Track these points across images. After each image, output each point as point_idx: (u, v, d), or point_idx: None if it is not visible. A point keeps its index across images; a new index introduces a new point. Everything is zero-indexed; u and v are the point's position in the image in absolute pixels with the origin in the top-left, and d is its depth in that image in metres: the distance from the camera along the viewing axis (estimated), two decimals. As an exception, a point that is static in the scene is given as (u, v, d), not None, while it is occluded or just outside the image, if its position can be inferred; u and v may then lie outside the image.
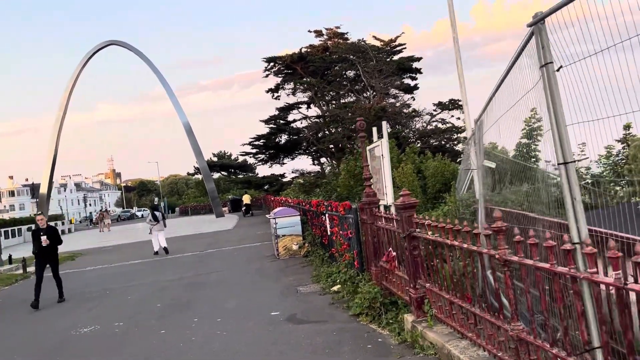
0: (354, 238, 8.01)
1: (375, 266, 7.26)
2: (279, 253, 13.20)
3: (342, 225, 8.84)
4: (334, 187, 24.67)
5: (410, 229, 5.56)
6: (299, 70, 40.72)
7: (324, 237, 10.97)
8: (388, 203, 8.82)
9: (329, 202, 9.88)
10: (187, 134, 48.93)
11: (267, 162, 45.85)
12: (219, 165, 69.85)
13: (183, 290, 10.37)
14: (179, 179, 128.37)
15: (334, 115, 37.92)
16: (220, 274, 11.96)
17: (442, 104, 37.15)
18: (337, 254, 9.63)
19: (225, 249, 17.20)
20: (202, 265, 13.82)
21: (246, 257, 14.37)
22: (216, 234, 24.92)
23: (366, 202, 7.29)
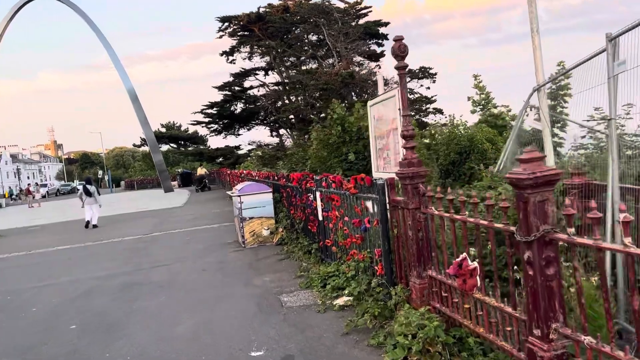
0: (376, 230, 5.25)
1: (419, 277, 4.55)
2: (245, 240, 10.33)
3: (351, 210, 6.06)
4: (299, 159, 21.79)
5: (544, 227, 2.86)
6: (256, 31, 37.13)
7: (310, 222, 8.19)
8: None
9: (325, 176, 7.04)
10: (132, 101, 44.56)
11: (220, 133, 42.23)
12: (168, 137, 65.39)
13: (114, 297, 7.37)
14: (125, 151, 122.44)
15: (296, 81, 34.77)
16: (167, 270, 8.98)
17: (412, 72, 34.65)
18: (335, 247, 6.87)
19: (175, 232, 14.13)
20: (144, 255, 10.77)
21: (202, 244, 11.41)
22: (165, 211, 21.66)
23: (406, 174, 4.52)
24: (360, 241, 5.76)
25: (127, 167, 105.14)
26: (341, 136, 16.93)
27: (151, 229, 15.33)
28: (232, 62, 39.49)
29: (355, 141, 16.69)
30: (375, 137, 8.30)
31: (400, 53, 4.50)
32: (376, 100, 7.95)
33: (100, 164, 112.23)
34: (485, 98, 11.63)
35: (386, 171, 7.83)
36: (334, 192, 6.58)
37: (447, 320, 4.20)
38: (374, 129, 8.27)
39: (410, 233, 4.57)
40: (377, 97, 7.95)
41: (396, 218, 4.92)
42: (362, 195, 5.59)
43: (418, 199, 4.50)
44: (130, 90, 44.57)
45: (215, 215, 17.48)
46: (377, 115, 8.08)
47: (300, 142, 24.56)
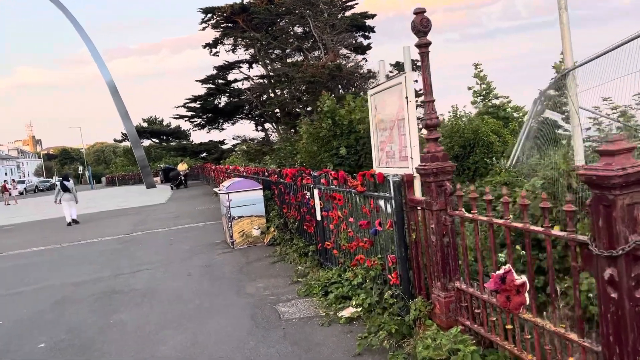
0: (390, 234, 4.60)
1: (444, 289, 3.91)
2: (234, 240, 9.62)
3: (357, 210, 5.41)
4: (287, 154, 21.08)
5: (635, 238, 2.23)
6: (240, 23, 36.20)
7: (306, 221, 7.51)
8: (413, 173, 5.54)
9: (325, 172, 6.36)
10: (112, 95, 43.30)
11: (204, 127, 41.25)
12: (150, 132, 64.18)
13: (90, 308, 6.63)
14: (106, 147, 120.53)
15: (281, 74, 33.98)
16: (150, 275, 8.25)
17: (400, 65, 34.04)
18: (337, 251, 6.21)
19: (158, 232, 13.35)
20: (125, 258, 9.99)
21: (188, 245, 10.67)
22: (147, 209, 20.80)
23: (429, 170, 3.87)
24: (368, 245, 5.10)
25: (109, 163, 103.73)
26: (332, 130, 16.25)
27: (132, 228, 14.52)
28: (215, 55, 38.55)
29: (347, 135, 16.03)
30: (376, 129, 7.63)
31: (423, 28, 3.84)
32: (378, 89, 7.29)
33: (80, 160, 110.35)
34: (487, 88, 11.06)
35: (390, 166, 7.18)
36: (336, 189, 5.91)
37: (480, 340, 3.57)
38: (375, 120, 7.61)
39: (433, 238, 3.93)
40: (379, 85, 7.29)
41: (414, 221, 4.27)
42: (372, 194, 4.93)
43: (444, 199, 3.86)
44: (110, 83, 43.33)
45: (200, 213, 16.71)
46: (379, 105, 7.42)
47: (288, 137, 23.83)
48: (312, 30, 34.02)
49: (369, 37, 38.42)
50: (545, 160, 6.51)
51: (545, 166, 4.94)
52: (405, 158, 6.57)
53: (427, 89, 3.94)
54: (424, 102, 3.99)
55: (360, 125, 15.70)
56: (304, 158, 17.59)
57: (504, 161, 7.36)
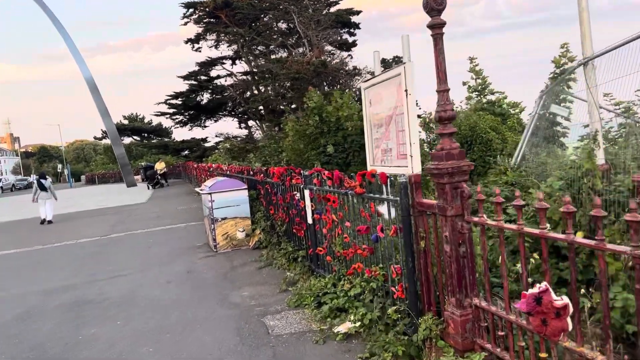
0: (393, 241, 4.10)
1: (459, 306, 3.42)
2: (217, 243, 9.05)
3: (354, 213, 4.89)
4: (272, 152, 20.50)
5: None
6: (223, 18, 35.44)
7: (295, 224, 6.98)
8: (412, 172, 5.09)
9: (317, 171, 5.82)
10: (91, 91, 42.22)
11: (186, 125, 40.42)
12: (130, 129, 62.97)
13: (59, 320, 6.02)
14: (86, 144, 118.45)
15: (265, 71, 33.33)
16: (126, 282, 7.64)
17: (386, 62, 33.64)
18: (330, 257, 5.69)
19: (137, 233, 12.69)
20: (100, 262, 9.36)
21: (168, 248, 10.06)
22: (126, 208, 20.05)
23: (443, 170, 3.37)
24: (368, 253, 4.59)
25: (89, 161, 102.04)
26: (319, 127, 15.74)
27: (110, 229, 13.83)
28: (197, 50, 37.75)
29: (334, 132, 15.53)
30: (370, 125, 7.13)
31: (437, 6, 3.33)
32: (373, 81, 6.78)
33: (59, 158, 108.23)
34: (482, 83, 10.64)
35: (386, 165, 6.69)
36: (330, 191, 5.39)
37: (504, 366, 3.09)
38: (369, 116, 7.11)
39: (447, 248, 3.43)
40: (374, 77, 6.78)
41: (424, 227, 3.77)
42: (372, 197, 4.42)
43: (460, 203, 3.36)
44: (89, 80, 42.23)
45: (181, 213, 16.06)
46: (373, 99, 6.91)
47: (272, 134, 23.24)
48: (297, 26, 33.43)
49: (354, 34, 37.93)
50: (553, 159, 6.08)
51: (561, 165, 4.49)
52: (403, 156, 6.07)
53: (442, 76, 3.44)
54: (438, 91, 3.49)
55: (349, 122, 15.20)
56: (290, 156, 17.05)
57: (507, 159, 6.93)
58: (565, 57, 9.96)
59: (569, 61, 10.03)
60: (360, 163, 15.25)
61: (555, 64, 9.90)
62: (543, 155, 5.92)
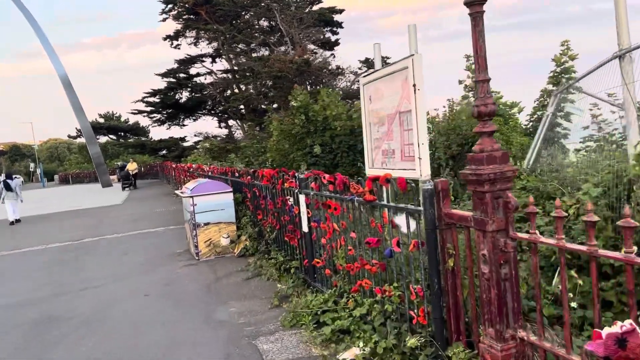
0: (412, 257, 3.51)
1: (499, 338, 2.84)
2: (199, 251, 8.36)
3: (360, 223, 4.28)
4: (255, 152, 19.81)
5: None
6: (203, 15, 34.55)
7: (288, 232, 6.34)
8: (421, 176, 4.66)
9: (317, 174, 5.18)
10: (65, 88, 40.79)
11: (164, 124, 39.39)
12: (107, 128, 61.51)
13: (20, 341, 5.28)
14: (60, 143, 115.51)
15: (247, 69, 32.58)
16: (99, 295, 6.91)
17: (369, 61, 33.19)
18: (329, 270, 5.07)
19: (111, 238, 11.89)
20: (71, 271, 8.59)
21: (145, 255, 9.33)
22: (101, 210, 19.13)
23: (483, 175, 2.79)
24: (378, 269, 3.99)
25: (63, 160, 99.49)
26: (305, 126, 15.11)
27: (83, 233, 12.99)
28: (176, 48, 36.80)
29: (321, 132, 14.92)
30: (369, 123, 6.54)
31: (481, -24, 2.74)
32: (374, 76, 6.19)
33: (32, 157, 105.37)
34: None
35: (388, 167, 6.11)
36: (332, 196, 4.77)
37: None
38: (368, 114, 6.52)
39: (486, 269, 2.85)
40: (375, 72, 6.20)
41: (453, 243, 3.19)
42: (386, 205, 3.82)
43: (504, 216, 2.78)
44: (63, 77, 40.81)
45: (159, 216, 15.27)
46: (374, 95, 6.33)
47: (255, 133, 22.54)
48: (279, 23, 32.77)
49: (337, 33, 37.48)
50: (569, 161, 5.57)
51: (602, 169, 3.96)
52: (410, 158, 5.50)
53: (481, 63, 2.85)
54: (477, 81, 2.89)
55: (337, 121, 14.62)
56: (274, 157, 16.39)
57: (518, 163, 6.42)
58: (565, 55, 9.53)
59: (569, 59, 9.60)
60: (348, 164, 14.67)
61: (555, 62, 9.46)
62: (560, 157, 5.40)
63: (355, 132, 14.62)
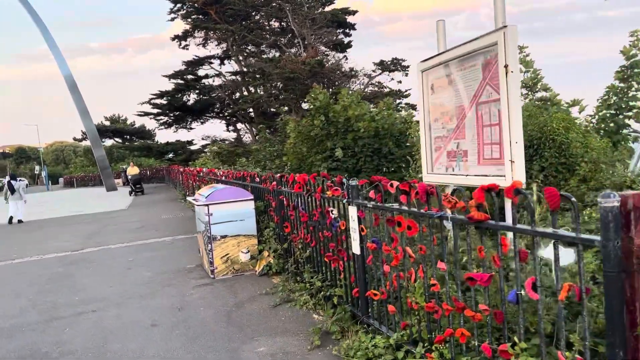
0: (573, 307, 2.32)
1: None
2: (215, 268, 7.20)
3: (456, 249, 3.10)
4: (268, 156, 18.66)
5: None
6: (212, 15, 33.57)
7: (329, 251, 5.17)
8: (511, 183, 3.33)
9: (378, 180, 3.98)
10: (70, 90, 39.78)
11: (171, 126, 38.31)
12: (112, 131, 60.49)
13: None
14: (66, 146, 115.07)
15: (257, 70, 31.50)
16: (96, 323, 5.76)
17: (384, 64, 32.09)
18: (393, 307, 3.88)
19: (114, 248, 10.75)
20: (66, 289, 7.45)
21: (151, 270, 8.17)
22: (104, 216, 18.02)
23: None
24: (487, 318, 2.81)
25: (68, 163, 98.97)
26: (325, 128, 13.96)
27: (84, 242, 11.86)
28: (185, 48, 35.85)
29: (343, 134, 13.74)
30: (429, 119, 5.37)
31: None
32: (439, 60, 5.03)
33: (37, 159, 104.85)
34: (534, 77, 8.99)
35: (457, 173, 4.94)
36: (404, 210, 3.59)
37: None
38: (428, 107, 5.35)
39: None
40: (439, 55, 5.03)
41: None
42: (516, 229, 2.63)
43: None
44: (68, 77, 39.83)
45: (166, 223, 14.12)
46: (437, 83, 5.16)
47: (267, 137, 21.40)
48: (291, 24, 31.69)
49: (350, 35, 36.38)
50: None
51: None
52: (493, 161, 4.31)
53: None
54: None
55: (360, 122, 13.46)
56: (291, 160, 15.24)
57: (620, 168, 5.26)
58: (636, 47, 8.33)
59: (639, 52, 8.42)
60: (372, 170, 13.48)
61: (624, 53, 8.28)
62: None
63: (380, 135, 13.46)
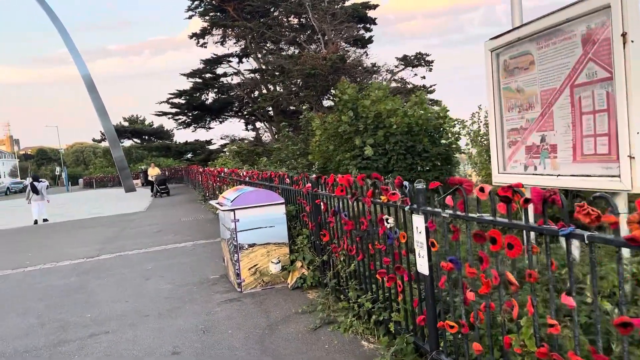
0: None
1: None
2: (242, 280, 6.40)
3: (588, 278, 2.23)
4: (290, 155, 17.87)
5: None
6: (231, 11, 32.92)
7: (382, 267, 4.33)
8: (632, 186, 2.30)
9: (458, 182, 3.13)
10: (89, 90, 39.48)
11: (189, 126, 37.77)
12: (131, 131, 60.27)
13: None
14: (86, 147, 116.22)
15: (277, 67, 30.74)
16: (109, 348, 5.00)
17: (407, 59, 31.09)
18: (481, 345, 3.02)
19: (132, 255, 10.05)
20: (78, 304, 6.72)
21: (171, 282, 7.42)
22: (122, 218, 17.41)
23: None
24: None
25: (88, 164, 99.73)
26: (353, 124, 13.11)
27: (100, 248, 11.19)
28: (202, 46, 35.21)
29: (373, 130, 12.85)
30: (500, 107, 4.49)
31: None
32: (521, 33, 4.14)
33: (58, 160, 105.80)
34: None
35: (541, 173, 4.05)
36: (501, 223, 2.74)
37: None
38: (500, 94, 4.47)
39: None
40: (522, 27, 4.15)
41: None
42: None
43: None
44: (86, 77, 39.53)
45: (186, 226, 13.41)
46: (515, 63, 4.27)
47: (289, 135, 20.61)
48: (311, 19, 30.89)
49: (371, 30, 35.42)
50: None
51: None
52: (602, 157, 3.41)
53: None
54: None
55: (392, 118, 12.57)
56: (317, 158, 14.42)
57: None
58: None
59: None
60: (405, 169, 12.58)
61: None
62: None
63: (413, 131, 12.56)
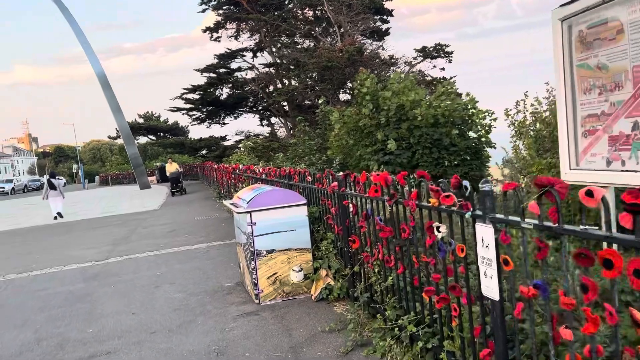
0: None
1: None
2: (260, 291, 5.72)
3: None
4: (308, 150, 17.16)
5: None
6: (244, 4, 32.23)
7: (430, 284, 3.61)
8: None
9: (551, 182, 2.41)
10: (103, 87, 39.10)
11: (204, 122, 37.31)
12: (146, 128, 60.03)
13: None
14: (102, 144, 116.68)
15: (292, 60, 30.03)
16: (111, 372, 4.35)
17: (426, 50, 30.17)
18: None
19: (141, 258, 9.44)
20: (81, 316, 6.10)
21: (182, 290, 6.77)
22: (135, 217, 16.87)
23: None
24: None
25: (104, 161, 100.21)
26: (374, 117, 12.34)
27: (109, 250, 10.62)
28: (216, 40, 34.67)
29: (395, 123, 12.07)
30: (574, 91, 3.72)
31: None
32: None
33: (75, 158, 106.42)
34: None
35: (627, 168, 3.27)
36: (634, 242, 2.00)
37: None
38: (573, 72, 3.69)
39: None
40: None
41: None
42: None
43: None
44: (100, 74, 39.11)
45: (200, 227, 12.79)
46: (595, 34, 3.50)
47: (306, 130, 19.90)
48: (327, 11, 30.11)
49: (387, 22, 34.56)
50: None
51: None
52: None
53: None
54: None
55: (417, 109, 11.79)
56: (336, 153, 13.70)
57: None
58: None
59: None
60: (431, 164, 11.79)
61: None
62: None
63: (439, 123, 11.76)
